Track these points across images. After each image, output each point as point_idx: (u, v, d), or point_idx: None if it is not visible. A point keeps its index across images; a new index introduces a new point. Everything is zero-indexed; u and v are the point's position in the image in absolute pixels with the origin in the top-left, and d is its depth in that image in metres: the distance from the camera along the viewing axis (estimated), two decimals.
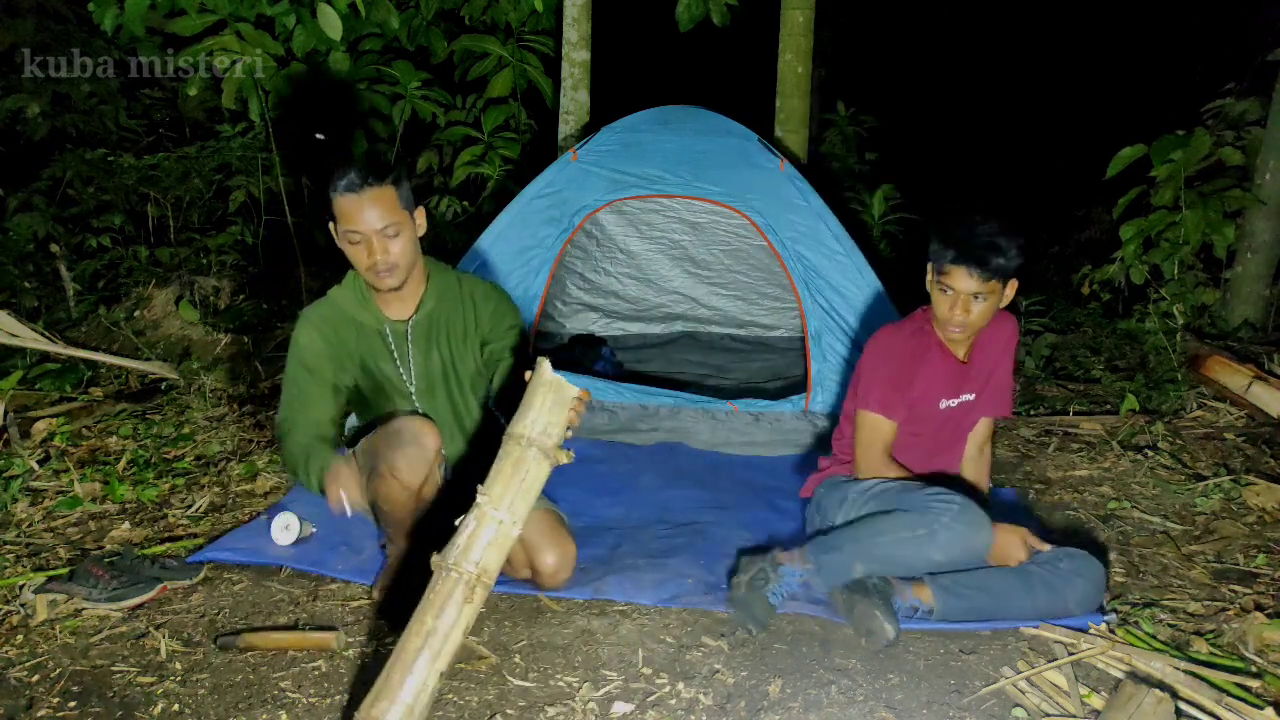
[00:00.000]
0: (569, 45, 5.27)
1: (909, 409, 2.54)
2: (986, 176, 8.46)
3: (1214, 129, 4.93)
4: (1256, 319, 4.90)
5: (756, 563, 2.37)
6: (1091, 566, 2.31)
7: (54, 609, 2.35)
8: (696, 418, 3.62)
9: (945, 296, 2.41)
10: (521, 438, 1.92)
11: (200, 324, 4.81)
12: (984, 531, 2.26)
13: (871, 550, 2.30)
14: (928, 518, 2.25)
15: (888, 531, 2.29)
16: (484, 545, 1.85)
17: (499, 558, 1.88)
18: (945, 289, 2.40)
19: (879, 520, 2.34)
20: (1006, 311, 2.56)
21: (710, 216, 4.56)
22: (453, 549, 1.85)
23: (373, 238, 2.32)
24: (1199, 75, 6.26)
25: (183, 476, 3.24)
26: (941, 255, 2.38)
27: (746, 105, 4.79)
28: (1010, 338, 2.64)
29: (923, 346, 2.53)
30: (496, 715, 1.96)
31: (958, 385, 2.56)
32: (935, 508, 2.26)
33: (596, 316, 5.00)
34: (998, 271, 2.34)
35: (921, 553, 2.26)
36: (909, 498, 2.35)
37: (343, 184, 2.30)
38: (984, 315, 2.41)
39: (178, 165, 5.72)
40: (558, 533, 2.45)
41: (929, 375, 2.53)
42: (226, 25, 4.94)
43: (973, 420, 2.66)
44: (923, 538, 2.24)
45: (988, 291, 2.37)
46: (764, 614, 2.28)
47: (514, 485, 1.89)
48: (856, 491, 2.52)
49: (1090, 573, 2.30)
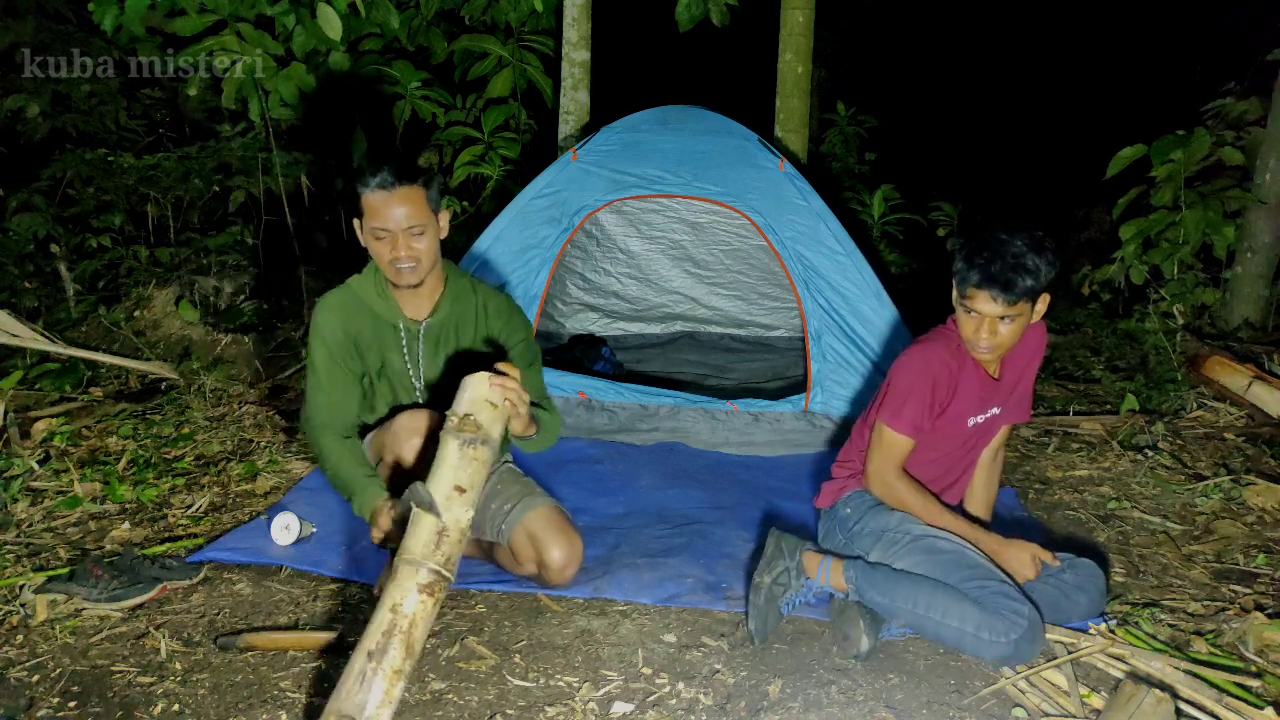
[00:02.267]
0: (569, 45, 5.27)
1: (937, 428, 2.43)
2: (986, 176, 8.46)
3: (1214, 129, 4.93)
4: (1256, 319, 4.90)
5: (781, 562, 2.32)
6: (1095, 577, 2.31)
7: (54, 609, 2.34)
8: (696, 418, 3.62)
9: (970, 319, 2.27)
10: (450, 426, 1.98)
11: (200, 324, 4.80)
12: (1038, 647, 2.15)
13: (924, 624, 2.20)
14: (998, 626, 2.10)
15: (952, 617, 2.16)
16: (426, 538, 1.86)
17: (429, 542, 1.89)
18: (970, 311, 2.26)
19: (942, 597, 2.19)
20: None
21: (710, 216, 4.56)
22: (405, 547, 1.87)
23: (399, 235, 2.36)
24: (1199, 75, 6.26)
25: (183, 476, 3.24)
26: (966, 277, 2.24)
27: (746, 105, 4.79)
28: (1038, 345, 2.52)
29: (959, 365, 2.38)
30: (496, 715, 1.96)
31: (987, 401, 2.45)
32: (1008, 619, 2.10)
33: (596, 316, 5.00)
34: (1025, 293, 2.19)
35: (973, 648, 2.15)
36: (973, 586, 2.19)
37: (375, 181, 2.34)
38: (1013, 335, 2.27)
39: (178, 165, 5.71)
40: (565, 528, 2.46)
41: (964, 394, 2.40)
42: (226, 25, 4.94)
43: (994, 431, 2.56)
44: (985, 643, 2.12)
45: (1015, 314, 2.22)
46: (774, 625, 2.26)
47: (449, 474, 1.94)
48: (897, 529, 2.38)
49: (1093, 584, 2.30)
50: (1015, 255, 2.19)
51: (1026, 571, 2.29)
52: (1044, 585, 2.29)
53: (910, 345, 2.49)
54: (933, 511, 2.39)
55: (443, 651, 2.20)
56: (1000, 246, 2.20)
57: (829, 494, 2.62)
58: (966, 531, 2.36)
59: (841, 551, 2.48)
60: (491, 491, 2.54)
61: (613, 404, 3.67)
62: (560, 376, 3.71)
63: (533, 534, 2.43)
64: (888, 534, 2.39)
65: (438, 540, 1.86)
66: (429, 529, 1.87)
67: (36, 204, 5.55)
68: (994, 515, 2.67)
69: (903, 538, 2.36)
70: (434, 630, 2.30)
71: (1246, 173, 4.88)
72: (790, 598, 2.30)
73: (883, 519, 2.43)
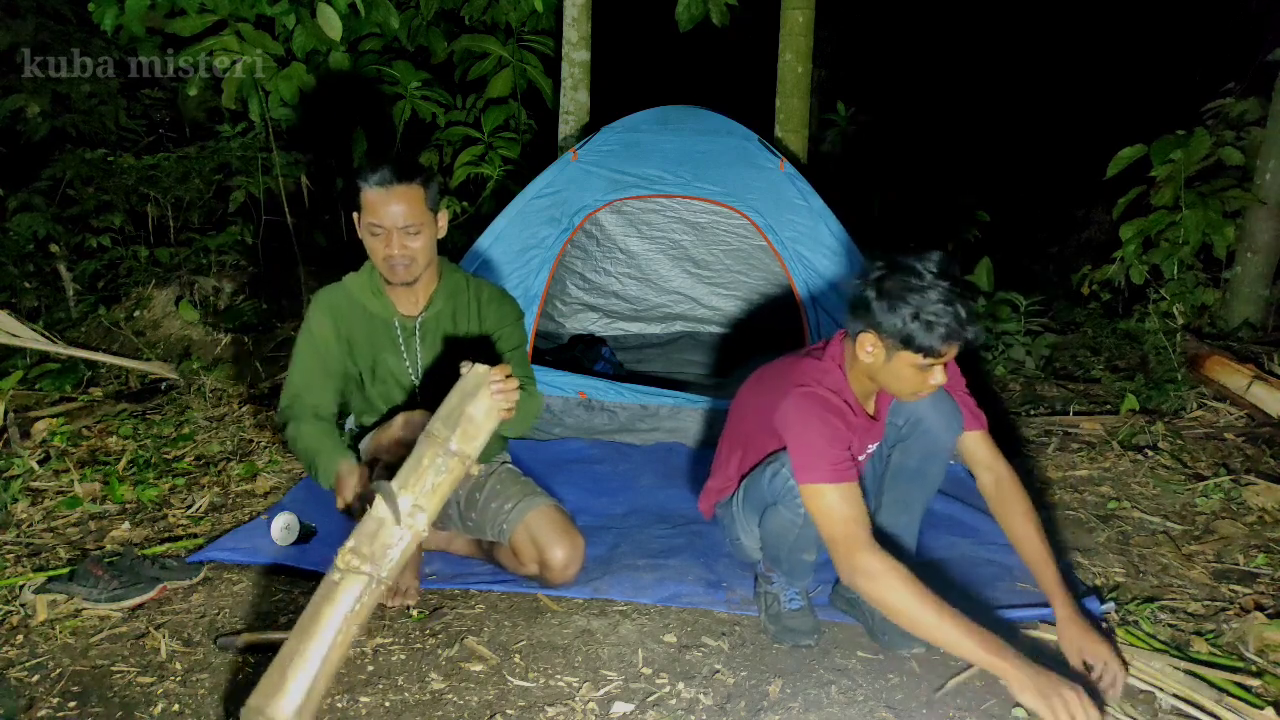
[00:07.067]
0: (569, 45, 5.27)
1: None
2: (986, 176, 8.45)
3: (1214, 129, 4.93)
4: (1256, 319, 4.90)
5: (758, 588, 2.38)
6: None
7: (54, 609, 2.35)
8: (696, 418, 3.62)
9: (918, 372, 2.06)
10: (444, 442, 1.90)
11: (200, 324, 4.81)
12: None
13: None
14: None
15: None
16: (370, 533, 1.84)
17: (401, 565, 1.87)
18: (933, 366, 2.05)
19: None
20: None
21: (710, 216, 4.55)
22: (358, 550, 1.83)
23: (394, 233, 2.36)
24: (1199, 75, 6.26)
25: (183, 476, 3.24)
26: (931, 343, 1.99)
27: (746, 105, 4.79)
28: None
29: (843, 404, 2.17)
30: (496, 715, 1.96)
31: (864, 440, 2.28)
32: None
33: (596, 316, 5.00)
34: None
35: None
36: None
37: (374, 178, 2.35)
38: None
39: (178, 165, 5.72)
40: (566, 527, 2.46)
41: (857, 434, 2.21)
42: (226, 25, 4.94)
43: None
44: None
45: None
46: (807, 624, 2.26)
47: (428, 490, 1.88)
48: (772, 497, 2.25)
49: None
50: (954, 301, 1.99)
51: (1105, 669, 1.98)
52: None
53: (783, 392, 2.18)
54: (943, 629, 1.87)
55: (443, 651, 2.20)
56: (943, 296, 1.98)
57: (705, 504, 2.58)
58: (988, 660, 1.85)
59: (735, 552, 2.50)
60: (491, 491, 2.54)
61: (613, 404, 3.67)
62: (560, 376, 3.71)
63: (534, 534, 2.43)
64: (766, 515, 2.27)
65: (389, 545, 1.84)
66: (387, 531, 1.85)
67: (36, 204, 5.55)
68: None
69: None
70: (434, 630, 2.30)
71: (1246, 173, 4.87)
72: (781, 599, 2.31)
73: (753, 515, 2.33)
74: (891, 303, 2.00)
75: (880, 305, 2.02)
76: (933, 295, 1.97)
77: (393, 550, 1.85)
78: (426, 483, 1.88)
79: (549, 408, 3.69)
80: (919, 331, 1.98)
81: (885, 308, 2.01)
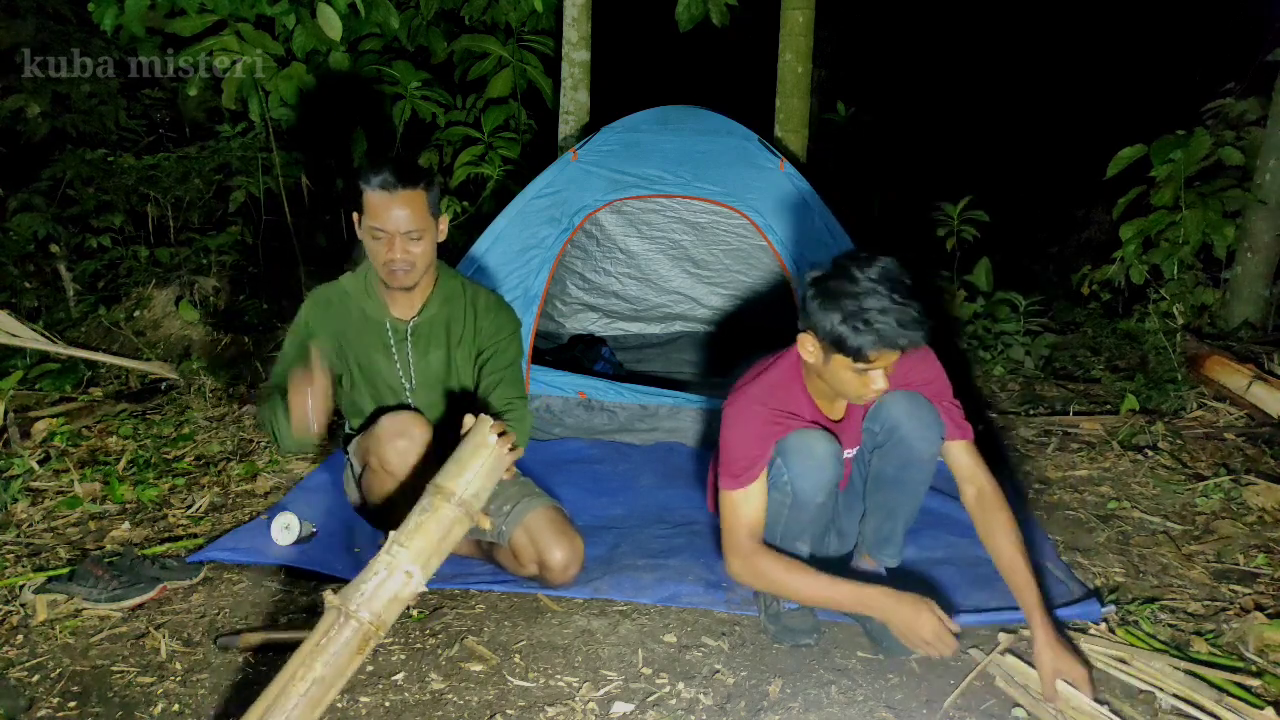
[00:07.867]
0: (569, 45, 5.27)
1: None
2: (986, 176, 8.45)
3: (1214, 129, 4.93)
4: (1256, 319, 4.89)
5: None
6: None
7: (54, 609, 2.35)
8: (696, 418, 3.62)
9: (860, 376, 2.04)
10: (452, 496, 1.89)
11: (200, 324, 4.81)
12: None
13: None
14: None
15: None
16: (388, 599, 1.79)
17: (397, 612, 1.82)
18: (869, 370, 2.02)
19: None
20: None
21: (710, 216, 4.55)
22: (357, 594, 1.77)
23: (396, 237, 2.35)
24: (1199, 75, 6.26)
25: (183, 476, 3.24)
26: (861, 346, 1.96)
27: (746, 105, 4.79)
28: (920, 377, 2.24)
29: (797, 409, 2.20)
30: (496, 715, 1.96)
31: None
32: None
33: (596, 316, 5.00)
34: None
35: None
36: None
37: (377, 181, 2.33)
38: None
39: (178, 165, 5.72)
40: (565, 528, 2.46)
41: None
42: (226, 25, 4.94)
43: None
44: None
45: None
46: (807, 624, 2.26)
47: (434, 543, 1.86)
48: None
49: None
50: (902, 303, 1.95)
51: (919, 640, 2.04)
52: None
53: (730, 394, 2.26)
54: (810, 585, 2.11)
55: (443, 651, 2.20)
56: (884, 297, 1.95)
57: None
58: (851, 599, 2.09)
59: None
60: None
61: (613, 404, 3.68)
62: (560, 376, 3.71)
63: (533, 535, 2.43)
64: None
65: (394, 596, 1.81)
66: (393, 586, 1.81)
67: (36, 204, 5.56)
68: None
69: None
70: (434, 630, 2.30)
71: (1246, 173, 4.87)
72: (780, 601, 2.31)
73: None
74: (825, 303, 1.99)
75: (814, 305, 2.01)
76: (868, 301, 1.93)
77: (390, 603, 1.81)
78: (432, 538, 1.87)
79: (549, 408, 3.69)
80: (849, 335, 1.96)
81: (818, 308, 2.00)
